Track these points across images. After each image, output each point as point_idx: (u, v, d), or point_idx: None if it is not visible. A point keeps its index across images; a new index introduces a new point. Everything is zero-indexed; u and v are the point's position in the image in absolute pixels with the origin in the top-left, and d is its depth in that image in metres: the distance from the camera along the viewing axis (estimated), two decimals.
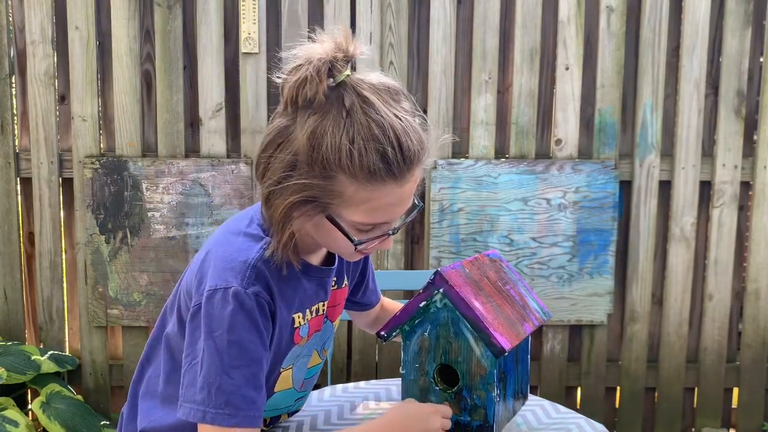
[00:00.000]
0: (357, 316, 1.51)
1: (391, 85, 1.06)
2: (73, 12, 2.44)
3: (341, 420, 1.34)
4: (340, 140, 1.00)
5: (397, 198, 1.06)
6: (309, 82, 1.00)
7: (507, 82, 2.56)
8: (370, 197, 1.04)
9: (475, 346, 1.20)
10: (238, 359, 1.06)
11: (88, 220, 2.49)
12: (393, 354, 2.61)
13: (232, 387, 1.06)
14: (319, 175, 1.02)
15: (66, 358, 2.49)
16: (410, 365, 1.25)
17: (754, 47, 2.55)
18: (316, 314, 1.23)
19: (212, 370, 1.05)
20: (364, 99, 1.01)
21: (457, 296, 1.18)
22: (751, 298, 2.61)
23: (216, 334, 1.06)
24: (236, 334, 1.06)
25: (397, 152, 1.01)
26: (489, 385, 1.20)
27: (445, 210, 2.51)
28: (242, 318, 1.06)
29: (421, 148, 1.05)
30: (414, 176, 1.07)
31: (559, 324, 2.59)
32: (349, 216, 1.06)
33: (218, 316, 1.06)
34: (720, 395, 2.67)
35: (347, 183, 1.02)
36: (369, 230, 1.09)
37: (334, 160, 1.00)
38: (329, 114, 1.01)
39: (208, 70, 2.48)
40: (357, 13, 2.47)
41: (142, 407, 1.24)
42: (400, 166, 1.02)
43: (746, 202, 2.63)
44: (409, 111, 1.06)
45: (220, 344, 1.05)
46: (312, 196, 1.04)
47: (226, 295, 1.06)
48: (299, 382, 1.27)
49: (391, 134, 1.00)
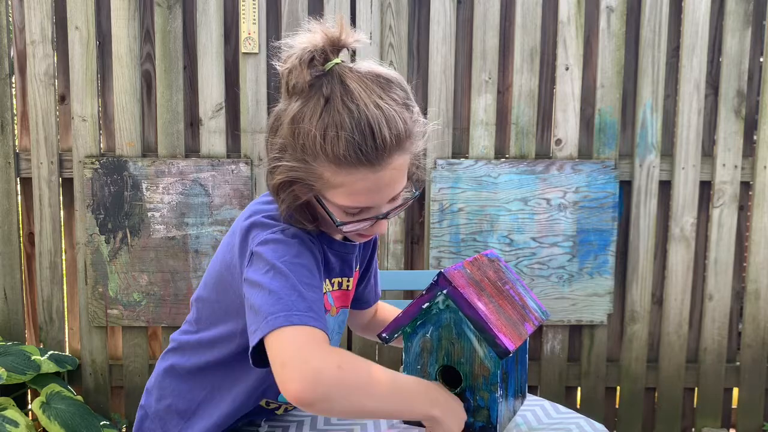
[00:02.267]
0: (352, 316, 1.51)
1: (383, 73, 1.08)
2: (73, 12, 2.44)
3: (341, 420, 1.33)
4: (314, 127, 1.04)
5: (373, 184, 1.08)
6: (293, 71, 1.06)
7: (507, 82, 2.56)
8: (345, 182, 1.07)
9: (478, 347, 1.20)
10: (310, 279, 1.07)
11: (88, 220, 2.49)
12: (393, 355, 2.61)
13: (312, 298, 1.04)
14: (300, 159, 1.07)
15: (66, 358, 2.49)
16: (412, 367, 1.25)
17: (754, 47, 2.55)
18: (339, 288, 1.27)
19: (288, 284, 1.04)
20: (345, 87, 1.04)
21: (460, 297, 1.18)
22: (751, 298, 2.62)
23: (284, 259, 1.06)
24: (304, 258, 1.09)
25: (368, 140, 1.03)
26: (492, 386, 1.20)
27: (445, 210, 2.51)
28: (304, 249, 1.10)
29: (398, 136, 1.06)
30: (393, 163, 1.08)
31: (559, 324, 2.59)
32: (333, 198, 1.10)
33: (282, 247, 1.08)
34: (720, 395, 2.67)
35: (324, 167, 1.07)
36: (356, 213, 1.12)
37: (311, 145, 1.05)
38: (310, 101, 1.05)
39: (208, 70, 2.48)
40: (357, 13, 2.47)
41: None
42: (371, 154, 1.04)
43: (746, 202, 2.63)
44: (398, 100, 1.07)
45: (290, 266, 1.05)
46: (298, 178, 1.09)
47: (285, 233, 1.11)
48: None
49: (363, 122, 1.03)
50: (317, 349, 0.98)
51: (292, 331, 0.99)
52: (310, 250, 1.12)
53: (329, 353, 0.98)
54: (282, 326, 0.99)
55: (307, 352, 0.97)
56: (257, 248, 1.10)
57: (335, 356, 0.98)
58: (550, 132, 2.59)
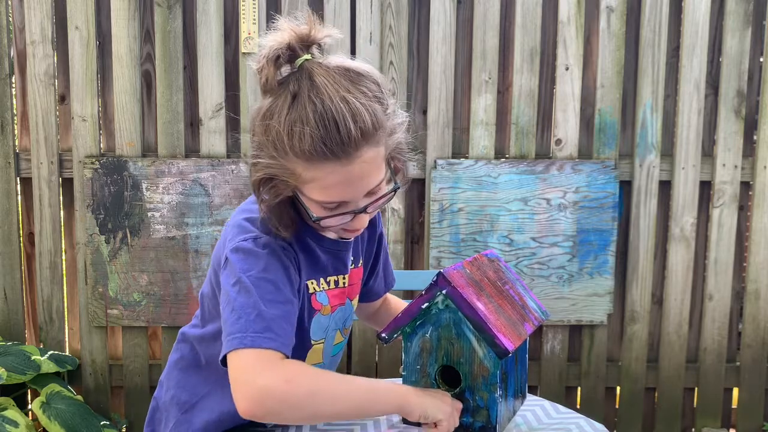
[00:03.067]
0: (359, 306, 1.52)
1: (354, 67, 1.10)
2: (73, 12, 2.44)
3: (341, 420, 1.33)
4: (281, 124, 1.06)
5: (343, 177, 1.09)
6: (263, 70, 1.08)
7: (507, 82, 2.56)
8: (316, 176, 1.09)
9: (478, 348, 1.20)
10: (274, 294, 1.10)
11: (88, 220, 2.49)
12: (393, 354, 2.61)
13: (271, 315, 1.08)
14: (273, 156, 1.09)
15: (66, 358, 2.49)
16: (411, 367, 1.25)
17: (754, 47, 2.55)
18: (335, 286, 1.27)
19: (249, 302, 1.08)
20: (312, 83, 1.06)
21: (460, 298, 1.18)
22: (751, 298, 2.62)
23: (250, 274, 1.10)
24: (270, 273, 1.11)
25: (332, 133, 1.04)
26: (492, 386, 1.20)
27: (445, 210, 2.51)
28: (274, 260, 1.12)
29: (365, 129, 1.06)
30: (362, 156, 1.08)
31: (559, 324, 2.59)
32: (309, 193, 1.11)
33: (251, 260, 1.11)
34: (720, 395, 2.67)
35: (295, 163, 1.08)
36: (333, 208, 1.13)
37: (279, 142, 1.07)
38: (279, 99, 1.08)
39: (208, 70, 2.48)
40: (357, 13, 2.47)
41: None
42: (336, 147, 1.05)
43: (746, 202, 2.63)
44: (368, 94, 1.08)
45: (255, 282, 1.09)
46: (274, 174, 1.11)
47: (257, 242, 1.13)
48: (328, 357, 1.33)
49: (326, 116, 1.04)
50: (264, 368, 1.05)
51: (245, 353, 1.05)
52: (280, 261, 1.13)
53: (277, 370, 1.05)
54: (236, 348, 1.06)
55: (253, 372, 1.04)
56: (229, 254, 1.14)
57: (283, 372, 1.05)
58: (550, 132, 2.59)
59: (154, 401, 1.38)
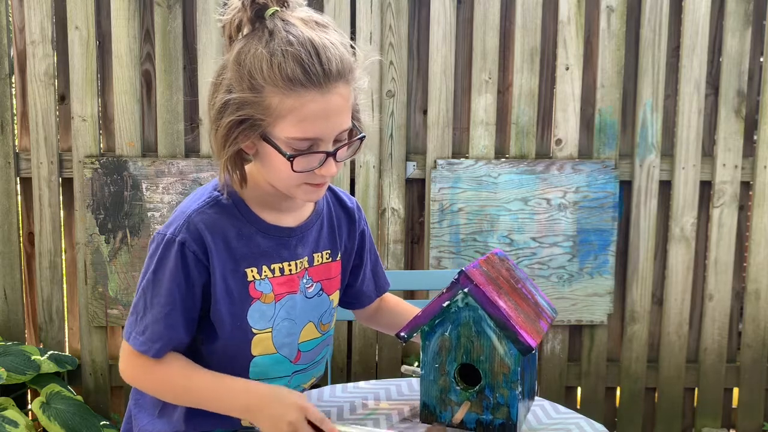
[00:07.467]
0: (355, 310, 1.51)
1: (320, 20, 1.14)
2: (73, 12, 2.44)
3: (341, 420, 1.33)
4: (261, 53, 1.09)
5: (321, 109, 1.10)
6: (236, 15, 1.12)
7: (507, 82, 2.56)
8: (294, 105, 1.09)
9: (498, 345, 1.20)
10: (158, 297, 1.19)
11: (88, 220, 2.49)
12: (393, 354, 2.61)
13: (151, 318, 1.20)
14: (247, 90, 1.10)
15: (66, 358, 2.49)
16: (430, 365, 1.25)
17: (754, 47, 2.55)
18: (281, 273, 1.25)
19: (140, 302, 1.22)
20: (287, 23, 1.10)
21: (482, 296, 1.18)
22: (751, 298, 2.61)
23: (147, 272, 1.21)
24: (160, 274, 1.19)
25: (314, 59, 1.08)
26: (512, 383, 1.20)
27: (445, 210, 2.51)
28: (166, 263, 1.19)
29: (342, 64, 1.11)
30: (339, 91, 1.11)
31: (559, 324, 2.59)
32: (281, 133, 1.12)
33: (151, 257, 1.21)
34: (720, 395, 2.67)
35: (272, 93, 1.10)
36: (305, 149, 1.13)
37: (258, 70, 1.09)
38: (254, 37, 1.11)
39: (208, 70, 2.47)
40: (357, 13, 2.47)
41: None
42: (318, 74, 1.09)
43: (746, 202, 2.63)
44: (335, 39, 1.13)
45: (147, 282, 1.20)
46: (246, 115, 1.12)
47: (160, 241, 1.20)
48: (289, 350, 1.28)
49: (308, 44, 1.09)
50: (134, 364, 1.24)
51: (127, 346, 1.24)
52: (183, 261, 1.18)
53: (137, 367, 1.24)
54: (125, 338, 1.25)
55: (126, 361, 1.25)
56: (149, 244, 1.23)
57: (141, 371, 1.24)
58: (550, 132, 2.59)
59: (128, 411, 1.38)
